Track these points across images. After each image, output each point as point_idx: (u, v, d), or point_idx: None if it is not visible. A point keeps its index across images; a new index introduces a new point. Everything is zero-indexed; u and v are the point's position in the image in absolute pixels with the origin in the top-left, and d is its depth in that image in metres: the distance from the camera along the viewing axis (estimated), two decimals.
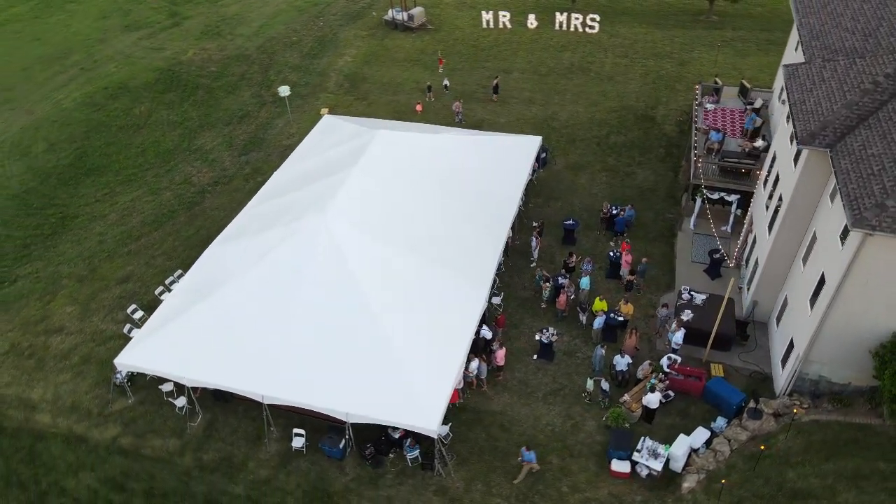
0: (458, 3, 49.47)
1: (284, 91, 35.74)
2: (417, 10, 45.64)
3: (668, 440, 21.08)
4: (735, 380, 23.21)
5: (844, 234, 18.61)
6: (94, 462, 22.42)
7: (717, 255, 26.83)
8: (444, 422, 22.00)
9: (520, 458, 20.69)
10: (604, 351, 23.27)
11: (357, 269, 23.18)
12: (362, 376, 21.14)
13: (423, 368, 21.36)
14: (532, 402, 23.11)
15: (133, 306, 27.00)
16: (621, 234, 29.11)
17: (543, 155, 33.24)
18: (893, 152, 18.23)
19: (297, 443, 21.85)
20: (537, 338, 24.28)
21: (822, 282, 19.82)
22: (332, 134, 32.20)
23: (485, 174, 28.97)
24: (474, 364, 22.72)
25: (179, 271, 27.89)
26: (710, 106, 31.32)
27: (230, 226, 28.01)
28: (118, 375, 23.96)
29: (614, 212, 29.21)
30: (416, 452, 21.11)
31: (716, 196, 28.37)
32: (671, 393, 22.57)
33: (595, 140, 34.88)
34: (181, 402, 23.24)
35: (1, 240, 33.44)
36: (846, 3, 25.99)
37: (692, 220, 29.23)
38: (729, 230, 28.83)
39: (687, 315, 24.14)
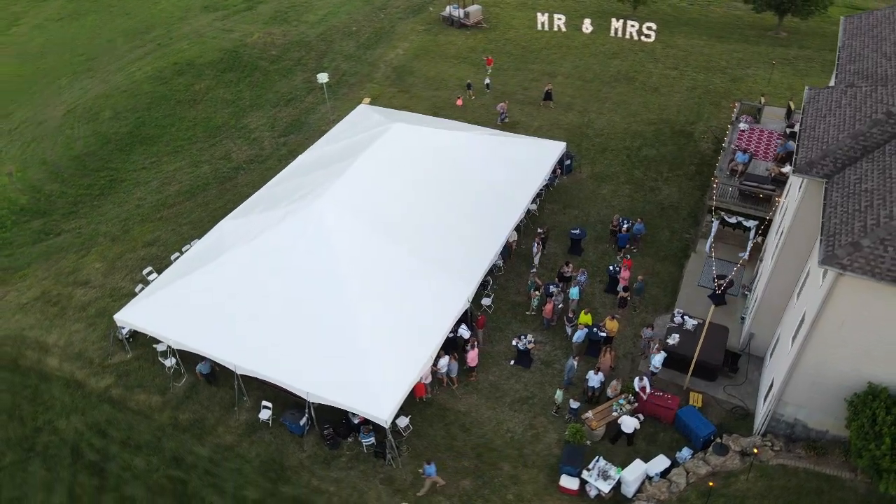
0: (519, 3, 49.17)
1: (323, 78, 36.83)
2: (474, 8, 45.75)
3: (627, 463, 20.47)
4: (714, 412, 22.20)
5: (825, 271, 17.44)
6: (86, 407, 24.17)
7: (722, 282, 25.61)
8: (407, 414, 22.38)
9: (421, 472, 20.52)
10: (576, 363, 22.79)
11: (342, 255, 23.76)
12: (328, 359, 21.71)
13: (388, 359, 21.69)
14: (498, 407, 22.97)
15: (149, 268, 28.74)
16: (624, 248, 28.27)
17: (568, 161, 32.74)
18: (887, 189, 16.90)
19: (265, 415, 22.72)
20: (514, 343, 24.11)
21: (802, 320, 18.67)
22: (360, 123, 32.96)
23: (497, 175, 28.84)
24: (443, 361, 22.82)
25: (196, 240, 29.46)
26: (744, 126, 29.83)
27: (245, 202, 29.33)
28: (122, 331, 25.65)
29: (625, 225, 28.41)
30: (372, 439, 21.47)
31: (733, 220, 27.12)
32: (641, 416, 21.86)
33: (626, 151, 33.94)
34: (170, 362, 24.63)
35: (56, 195, 36.39)
36: (893, 27, 24.12)
37: (708, 242, 28.01)
38: (745, 257, 27.44)
39: (673, 339, 23.25)
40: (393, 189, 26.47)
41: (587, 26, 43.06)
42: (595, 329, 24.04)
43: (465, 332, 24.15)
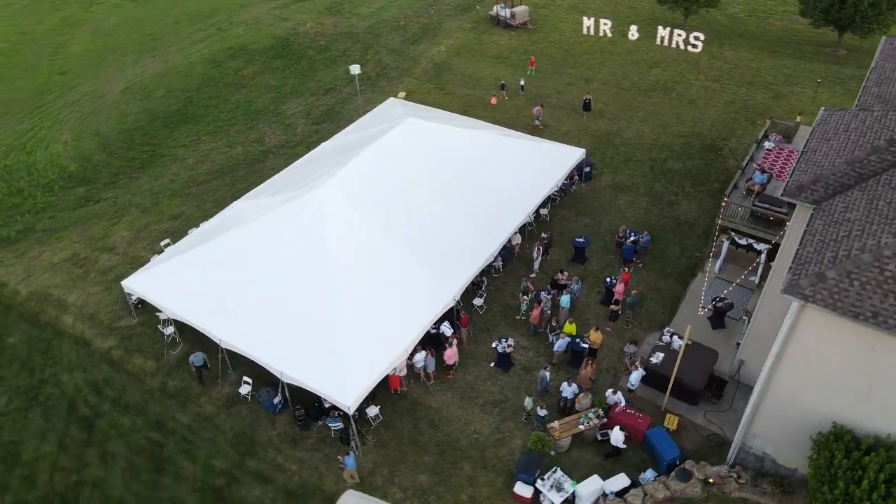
0: (570, 6, 48.51)
1: (355, 70, 37.52)
2: (521, 9, 45.48)
3: (598, 471, 20.16)
4: (689, 437, 21.49)
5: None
6: (88, 365, 25.68)
7: (721, 304, 24.69)
8: (379, 404, 22.71)
9: (341, 462, 20.69)
10: (548, 374, 22.52)
11: (334, 243, 24.30)
12: (306, 341, 22.25)
13: (362, 348, 22.04)
14: (470, 407, 22.97)
15: (167, 240, 30.15)
16: (630, 261, 27.61)
17: (587, 169, 32.21)
18: (869, 220, 15.93)
19: (244, 390, 23.53)
20: (493, 345, 24.02)
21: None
22: (384, 115, 33.47)
23: (506, 176, 28.71)
24: (419, 356, 23.00)
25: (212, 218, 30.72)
26: (769, 144, 28.53)
27: (261, 185, 30.36)
28: (132, 297, 27.08)
29: (631, 237, 27.73)
30: (340, 424, 21.89)
31: (744, 242, 26.08)
32: (609, 432, 21.39)
33: (650, 162, 33.06)
34: (168, 331, 25.84)
35: (102, 165, 38.64)
36: None
37: (718, 263, 27.06)
38: (756, 281, 26.33)
39: (657, 357, 22.63)
40: (395, 182, 26.78)
41: (633, 33, 42.14)
42: (578, 340, 23.64)
43: (447, 329, 24.23)
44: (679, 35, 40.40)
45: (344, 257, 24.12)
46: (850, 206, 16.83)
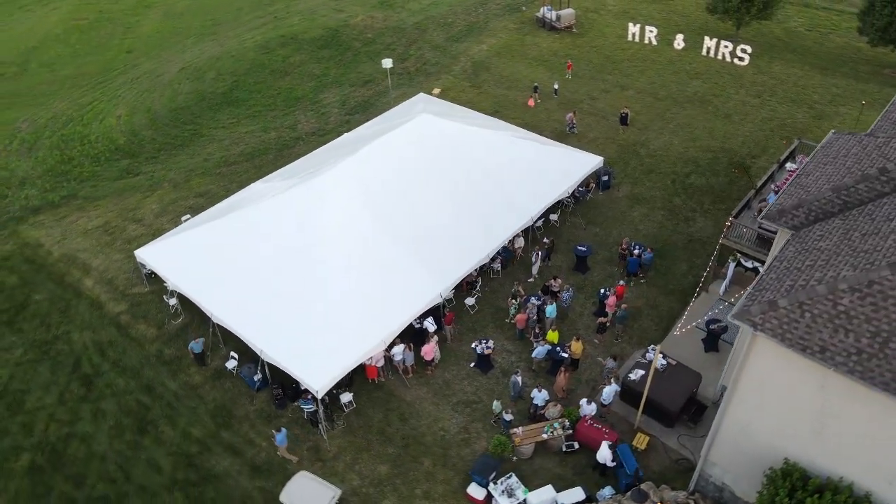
0: (621, 11, 47.48)
1: (387, 63, 38.01)
2: (567, 12, 44.88)
3: (556, 482, 20.01)
4: (657, 459, 20.96)
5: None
6: (97, 326, 27.26)
7: (715, 327, 23.84)
8: (356, 392, 23.18)
9: (272, 437, 21.28)
10: (520, 379, 22.35)
11: (328, 230, 24.90)
12: (289, 323, 22.94)
13: (340, 335, 22.52)
14: (442, 405, 23.09)
15: (188, 216, 31.53)
16: (634, 274, 26.99)
17: (606, 177, 31.63)
18: (838, 251, 15.12)
19: (230, 364, 24.45)
20: (472, 345, 24.04)
21: None
22: (408, 110, 33.85)
23: (514, 179, 28.56)
24: (397, 349, 23.28)
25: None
26: (792, 166, 27.23)
27: (280, 170, 31.33)
28: (144, 266, 28.52)
29: (636, 251, 27.09)
30: (311, 407, 22.44)
31: (750, 265, 25.11)
32: (575, 444, 21.10)
33: (672, 176, 32.13)
34: (173, 301, 27.10)
35: (147, 140, 40.69)
36: None
37: (723, 285, 26.12)
38: None
39: (636, 374, 22.11)
40: (397, 175, 27.09)
41: (679, 42, 40.98)
42: (558, 348, 23.36)
43: (430, 325, 24.41)
44: (725, 47, 38.94)
45: (336, 244, 24.67)
46: (826, 235, 16.00)
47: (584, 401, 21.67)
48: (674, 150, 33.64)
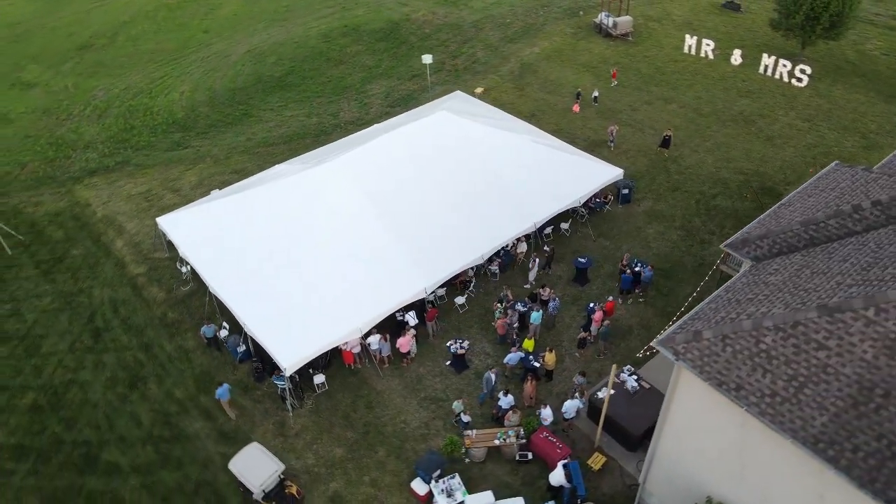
0: (684, 22, 45.74)
1: (427, 59, 38.38)
2: (625, 19, 43.71)
3: (501, 490, 20.00)
4: (609, 481, 20.47)
5: None
6: (116, 285, 29.24)
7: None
8: (331, 375, 23.87)
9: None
10: (493, 377, 22.25)
11: (326, 215, 25.67)
12: (274, 300, 23.84)
13: (320, 318, 23.21)
14: (409, 398, 23.37)
15: (216, 190, 33.18)
16: (629, 292, 26.25)
17: (626, 191, 30.83)
18: (783, 287, 14.30)
19: (222, 334, 25.65)
20: (447, 344, 24.14)
21: None
22: (438, 106, 34.15)
23: (525, 183, 28.29)
24: (373, 338, 23.73)
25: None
26: None
27: (305, 154, 32.38)
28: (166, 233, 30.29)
29: (637, 267, 26.32)
30: (283, 384, 23.24)
31: None
32: (529, 454, 20.90)
33: (698, 195, 30.90)
34: (185, 269, 28.68)
35: (202, 117, 42.95)
36: None
37: None
38: None
39: (604, 393, 21.56)
40: (403, 169, 27.43)
41: (736, 58, 39.18)
42: (531, 357, 23.12)
43: (411, 319, 24.70)
44: (784, 66, 36.85)
45: (332, 230, 25.40)
46: (780, 270, 15.15)
47: (544, 408, 21.38)
48: (705, 169, 32.30)
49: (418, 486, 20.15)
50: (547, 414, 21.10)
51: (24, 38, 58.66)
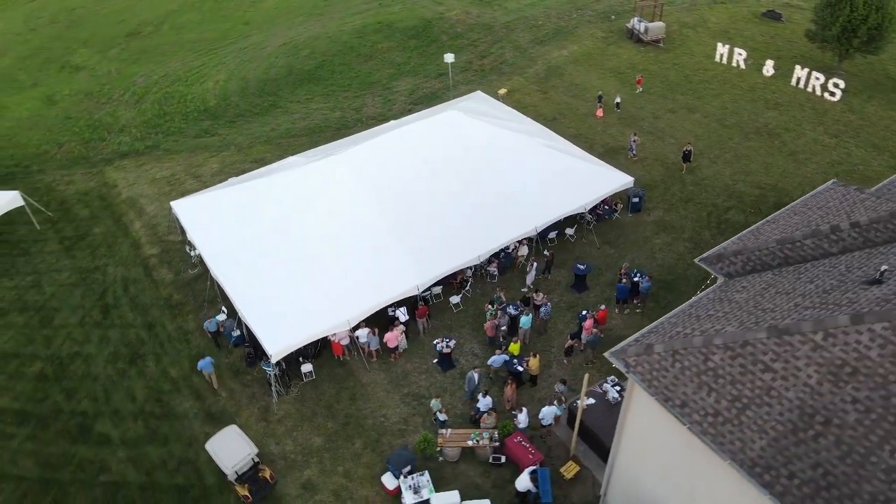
0: (720, 31, 44.54)
1: (449, 58, 38.47)
2: (657, 25, 42.86)
3: (470, 491, 20.07)
4: (582, 491, 20.27)
5: None
6: (129, 264, 30.31)
7: None
8: (320, 365, 24.29)
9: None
10: (476, 376, 22.27)
11: (323, 208, 26.09)
12: (270, 288, 24.36)
13: (310, 308, 23.64)
14: (393, 393, 23.57)
15: (233, 178, 34.00)
16: (624, 302, 25.86)
17: (636, 200, 30.35)
18: (743, 306, 13.95)
19: (221, 317, 26.35)
20: (434, 342, 24.25)
21: None
22: (454, 105, 34.25)
23: (531, 187, 28.11)
24: (362, 332, 24.03)
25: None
26: None
27: (319, 147, 32.93)
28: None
29: (636, 277, 25.92)
30: (269, 370, 23.73)
31: None
32: (502, 458, 20.86)
33: (710, 208, 30.19)
34: (194, 252, 29.53)
35: (232, 106, 44.07)
36: None
37: None
38: None
39: (586, 402, 21.35)
40: (406, 166, 27.61)
41: (769, 69, 38.06)
42: (515, 361, 23.04)
43: (402, 315, 24.90)
44: (817, 79, 35.59)
45: (331, 222, 25.79)
46: (747, 287, 14.76)
47: (519, 412, 21.32)
48: (721, 182, 31.52)
49: (388, 481, 20.34)
50: (522, 418, 21.02)
51: (78, 23, 61.23)
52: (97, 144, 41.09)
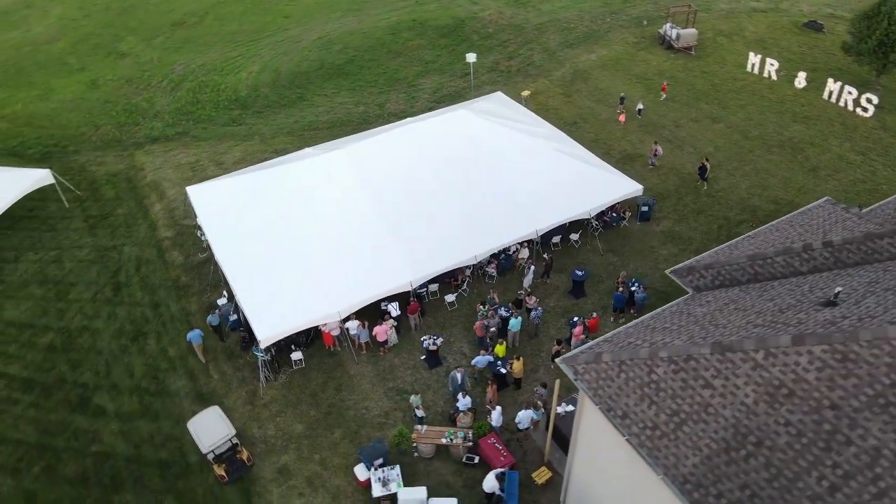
0: (756, 40, 43.27)
1: (471, 58, 38.48)
2: (689, 32, 41.93)
3: (440, 489, 20.21)
4: (552, 498, 20.12)
5: None
6: (144, 245, 31.39)
7: None
8: (309, 354, 24.77)
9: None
10: (459, 376, 22.34)
11: (328, 200, 26.50)
12: (267, 275, 24.89)
13: (303, 297, 24.08)
14: (378, 386, 23.83)
15: (252, 166, 34.86)
16: (620, 310, 25.51)
17: (645, 208, 29.89)
18: (699, 320, 13.67)
19: (221, 301, 27.11)
20: (422, 339, 24.40)
21: None
22: (472, 105, 34.30)
23: (535, 190, 27.93)
24: (352, 324, 24.36)
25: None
26: None
27: (335, 140, 33.42)
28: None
29: (632, 288, 25.55)
30: (260, 354, 24.21)
31: None
32: (476, 458, 20.90)
33: (721, 221, 29.49)
34: (204, 237, 30.38)
35: (262, 97, 45.05)
36: None
37: None
38: None
39: (562, 408, 21.22)
40: (410, 164, 27.79)
41: (801, 81, 36.89)
42: (498, 363, 23.01)
43: (393, 309, 25.14)
44: (850, 93, 34.30)
45: (330, 214, 26.19)
46: (711, 302, 14.45)
47: (494, 412, 21.33)
48: (736, 195, 30.72)
49: (360, 472, 20.60)
50: (496, 416, 21.04)
51: (129, 12, 63.47)
52: (131, 128, 42.60)
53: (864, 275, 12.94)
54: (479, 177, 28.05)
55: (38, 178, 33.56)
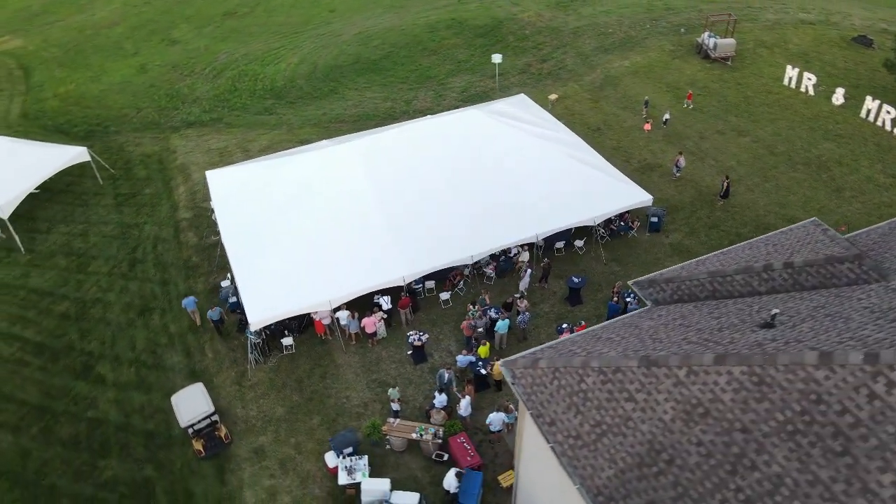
0: (798, 53, 41.64)
1: (497, 58, 38.37)
2: (727, 42, 40.69)
3: (407, 483, 20.44)
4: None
5: None
6: (164, 224, 32.67)
7: None
8: (301, 341, 25.34)
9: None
10: (447, 375, 22.47)
11: (333, 191, 27.01)
12: (267, 259, 25.55)
13: (297, 284, 24.64)
14: (362, 377, 24.18)
15: (269, 155, 35.71)
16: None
17: (655, 219, 29.32)
18: (641, 334, 13.44)
19: (224, 283, 27.98)
20: (408, 334, 24.59)
21: None
22: (489, 106, 34.29)
23: (541, 194, 27.76)
24: (342, 314, 24.78)
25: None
26: None
27: (354, 133, 33.96)
28: None
29: (627, 297, 25.13)
30: (252, 337, 24.88)
31: None
32: (445, 455, 21.00)
33: (734, 237, 28.56)
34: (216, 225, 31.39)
35: (296, 88, 46.09)
36: None
37: None
38: None
39: None
40: (415, 160, 28.00)
41: (838, 97, 35.43)
42: (479, 364, 23.03)
43: (385, 303, 25.43)
44: (888, 112, 32.74)
45: (333, 206, 26.67)
46: (662, 316, 14.17)
47: (464, 400, 21.41)
48: (752, 211, 29.76)
49: (330, 459, 20.95)
50: (464, 404, 21.09)
51: (186, 0, 65.86)
52: (170, 113, 44.25)
53: (815, 298, 12.45)
54: (483, 177, 28.04)
55: (74, 154, 35.24)
